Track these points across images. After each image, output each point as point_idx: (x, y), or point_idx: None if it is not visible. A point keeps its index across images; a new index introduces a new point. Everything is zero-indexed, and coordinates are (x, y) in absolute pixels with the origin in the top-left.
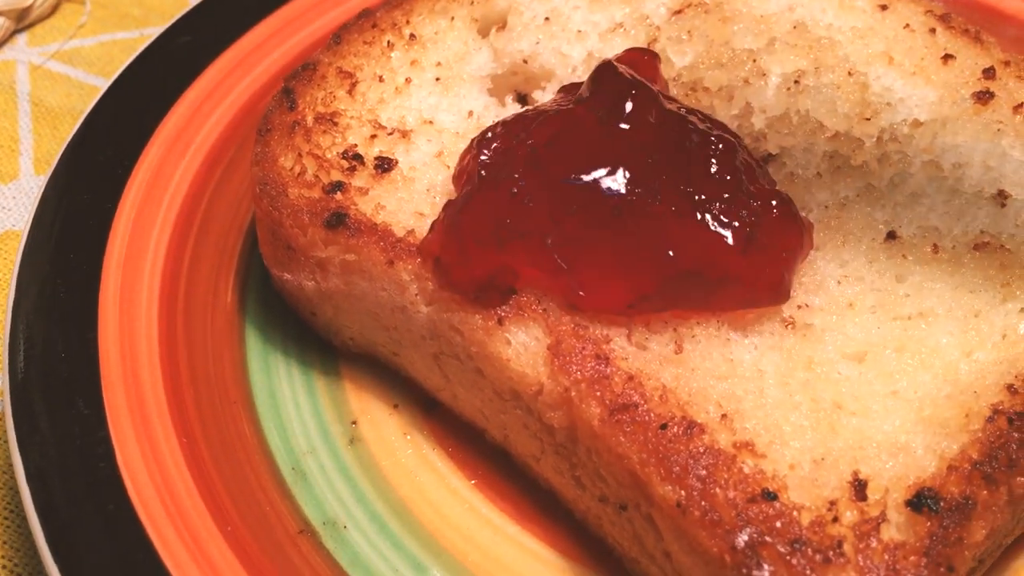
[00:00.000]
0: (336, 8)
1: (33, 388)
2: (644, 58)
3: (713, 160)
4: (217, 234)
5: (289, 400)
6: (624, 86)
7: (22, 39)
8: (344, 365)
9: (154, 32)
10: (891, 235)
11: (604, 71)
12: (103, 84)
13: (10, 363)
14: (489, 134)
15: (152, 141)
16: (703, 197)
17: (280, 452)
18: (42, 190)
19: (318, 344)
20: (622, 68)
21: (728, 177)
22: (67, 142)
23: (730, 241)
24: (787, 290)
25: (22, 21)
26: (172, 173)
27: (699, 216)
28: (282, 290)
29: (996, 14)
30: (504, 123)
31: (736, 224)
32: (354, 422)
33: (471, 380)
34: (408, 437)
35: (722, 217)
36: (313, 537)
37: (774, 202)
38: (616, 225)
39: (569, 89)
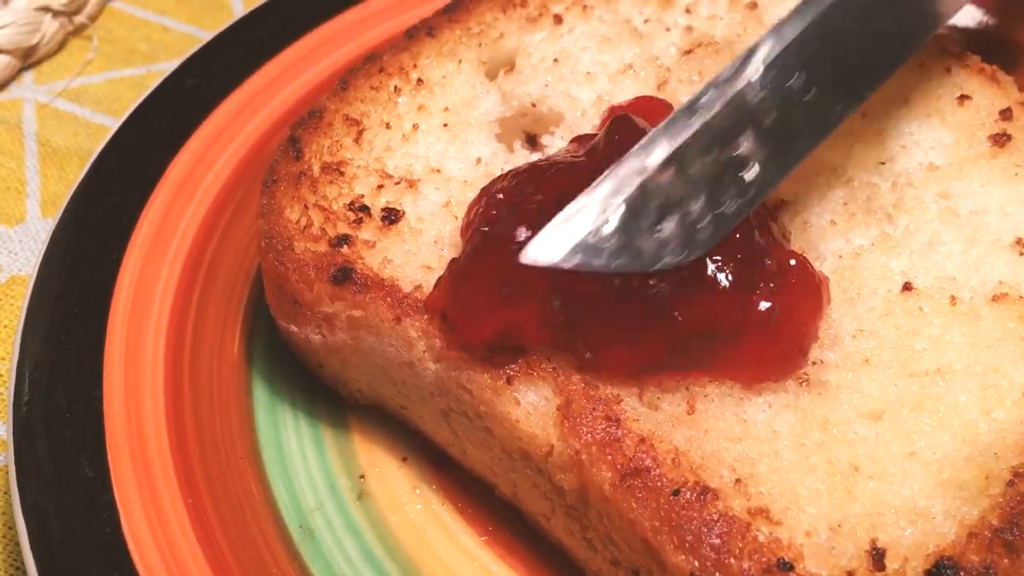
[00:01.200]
0: (343, 47)
1: (38, 448)
2: (657, 105)
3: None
4: (223, 284)
5: (297, 454)
6: (639, 139)
7: (29, 77)
8: (352, 417)
9: (161, 68)
10: (907, 286)
11: (619, 123)
12: (110, 123)
13: (14, 422)
14: (497, 187)
15: (158, 188)
16: (716, 258)
17: (288, 509)
18: (47, 240)
19: (326, 395)
20: (638, 121)
21: (739, 235)
22: (73, 189)
23: (746, 308)
24: (802, 361)
25: (29, 59)
26: (178, 222)
27: (711, 277)
28: (289, 341)
29: (1016, 47)
30: (515, 173)
31: (753, 294)
32: (362, 476)
33: (480, 438)
34: (417, 491)
35: (736, 281)
36: None
37: (792, 262)
38: (624, 286)
39: (582, 140)
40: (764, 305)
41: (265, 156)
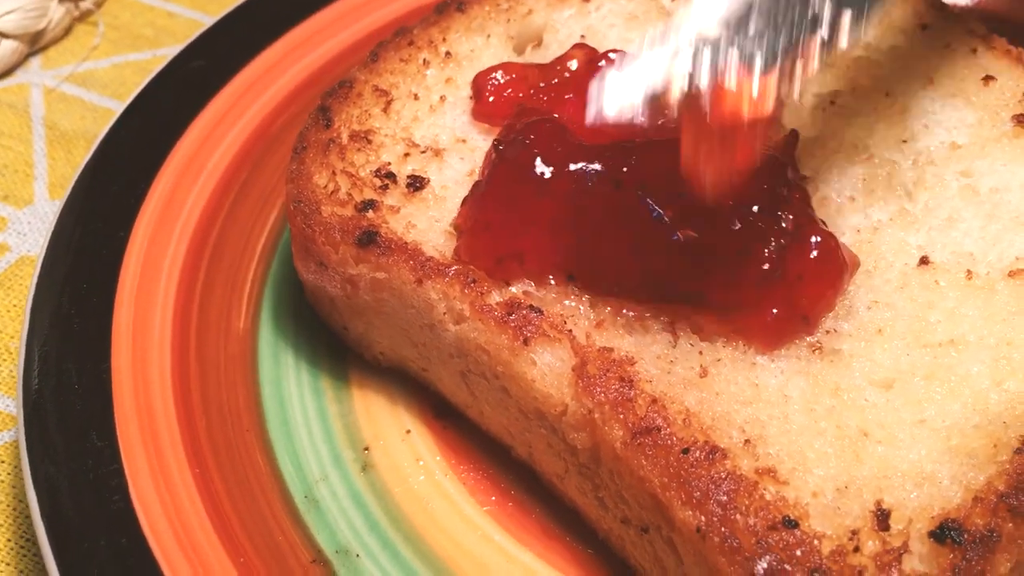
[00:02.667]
0: (343, 31)
1: (48, 420)
2: None
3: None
4: (229, 261)
5: (302, 426)
6: None
7: (36, 62)
8: (356, 390)
9: (167, 53)
10: (924, 260)
11: None
12: (116, 106)
13: (24, 395)
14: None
15: (164, 167)
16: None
17: (293, 480)
18: (55, 220)
19: (331, 370)
20: None
21: (765, 196)
22: (79, 170)
23: (743, 259)
24: (804, 328)
25: (36, 44)
26: (184, 201)
27: (719, 218)
28: (314, 304)
29: None
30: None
31: (754, 249)
32: (367, 448)
33: (497, 399)
34: (421, 463)
35: (742, 230)
36: (326, 567)
37: (816, 238)
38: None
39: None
40: (765, 265)
41: (271, 136)
